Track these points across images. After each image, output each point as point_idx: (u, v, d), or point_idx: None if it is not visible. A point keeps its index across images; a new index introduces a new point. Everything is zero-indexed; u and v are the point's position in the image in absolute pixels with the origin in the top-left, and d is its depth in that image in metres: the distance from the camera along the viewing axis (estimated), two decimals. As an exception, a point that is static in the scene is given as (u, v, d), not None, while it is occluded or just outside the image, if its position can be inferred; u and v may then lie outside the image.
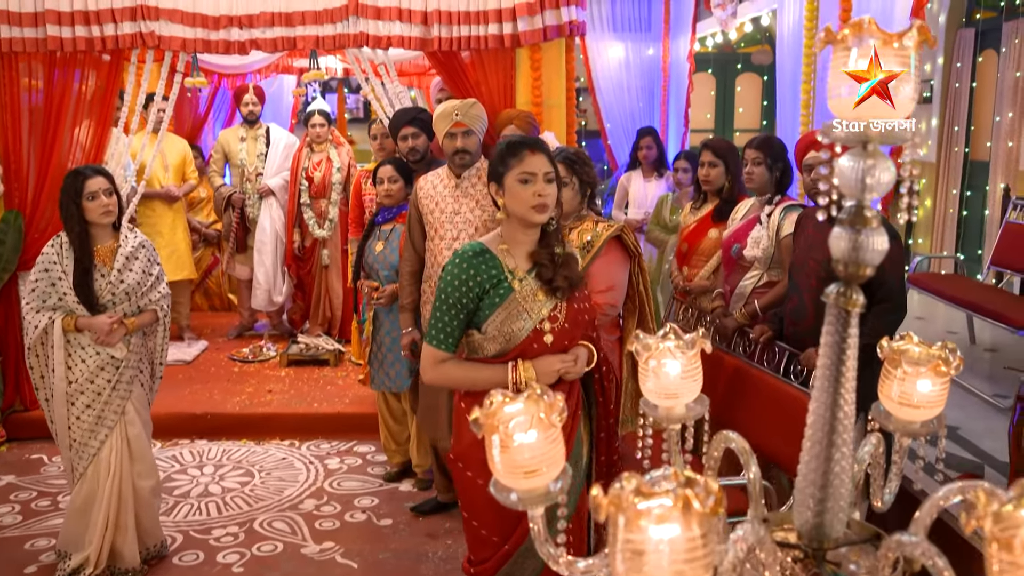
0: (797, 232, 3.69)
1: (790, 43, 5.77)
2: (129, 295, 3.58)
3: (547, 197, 2.54)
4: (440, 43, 5.00)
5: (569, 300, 2.63)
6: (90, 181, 3.48)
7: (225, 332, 7.24)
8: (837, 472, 1.46)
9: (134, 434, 3.67)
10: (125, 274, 3.57)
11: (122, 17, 4.88)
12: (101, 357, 3.57)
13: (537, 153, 2.57)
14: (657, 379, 1.77)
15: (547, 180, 2.55)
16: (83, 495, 3.62)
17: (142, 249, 3.66)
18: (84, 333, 3.55)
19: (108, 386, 3.59)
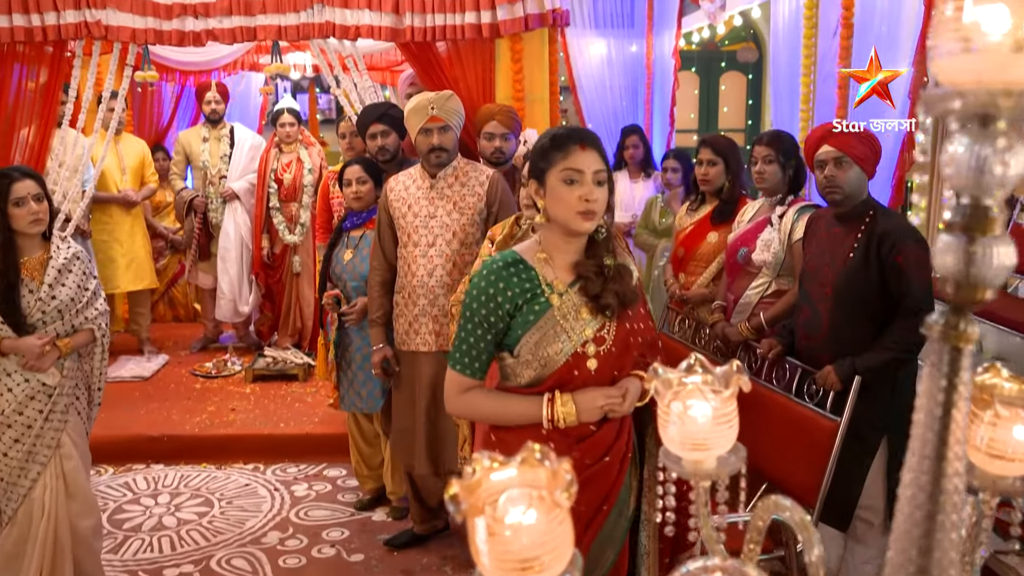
0: (808, 235, 3.34)
1: (786, 35, 5.43)
2: (62, 313, 3.15)
3: (595, 202, 2.11)
4: (413, 33, 4.62)
5: (620, 320, 2.21)
6: (17, 185, 3.03)
7: (188, 345, 6.81)
8: (945, 548, 1.09)
9: (70, 468, 3.22)
10: (57, 289, 3.14)
11: (65, 5, 4.46)
12: (31, 385, 3.13)
13: (588, 148, 2.13)
14: (682, 425, 1.41)
15: (597, 181, 2.12)
16: (13, 540, 3.16)
17: (76, 261, 3.22)
18: (10, 358, 3.10)
19: (40, 417, 3.14)
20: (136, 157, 6.38)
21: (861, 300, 3.05)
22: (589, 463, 2.20)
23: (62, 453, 3.21)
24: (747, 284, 3.72)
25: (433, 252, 3.53)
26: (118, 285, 6.24)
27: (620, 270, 2.21)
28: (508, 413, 2.23)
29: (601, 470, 2.22)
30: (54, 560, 3.20)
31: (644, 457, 2.39)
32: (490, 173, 3.66)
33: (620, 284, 2.20)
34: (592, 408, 2.15)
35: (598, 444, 2.22)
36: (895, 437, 3.09)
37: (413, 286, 3.56)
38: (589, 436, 2.21)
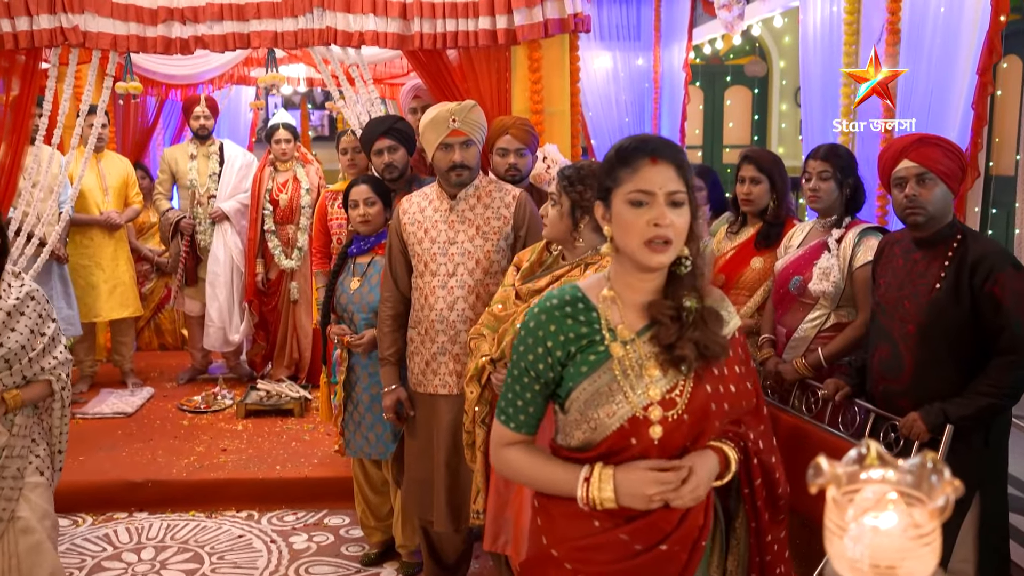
0: (881, 263, 2.95)
1: (817, 44, 5.08)
2: (9, 362, 2.71)
3: (669, 227, 1.70)
4: (422, 40, 4.24)
5: (699, 379, 1.79)
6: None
7: (175, 376, 6.38)
8: None
9: (27, 547, 2.74)
10: (4, 335, 2.70)
11: (38, 9, 4.07)
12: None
13: (661, 162, 1.73)
14: (861, 536, 1.06)
15: (672, 202, 1.72)
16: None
17: (30, 302, 2.79)
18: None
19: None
20: (119, 176, 5.97)
21: (950, 337, 2.67)
22: (640, 548, 1.78)
23: (16, 529, 2.73)
24: (802, 316, 3.34)
25: (453, 283, 3.13)
26: (100, 313, 5.82)
27: (706, 315, 1.78)
28: (544, 480, 1.85)
29: (656, 558, 1.78)
30: None
31: (730, 545, 1.98)
32: (517, 193, 3.27)
33: (703, 332, 1.76)
34: (637, 495, 1.73)
35: (653, 526, 1.78)
36: (988, 493, 2.70)
37: (431, 321, 3.15)
38: (641, 516, 1.78)
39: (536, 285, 2.77)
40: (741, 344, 1.89)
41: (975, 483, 2.69)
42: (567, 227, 2.69)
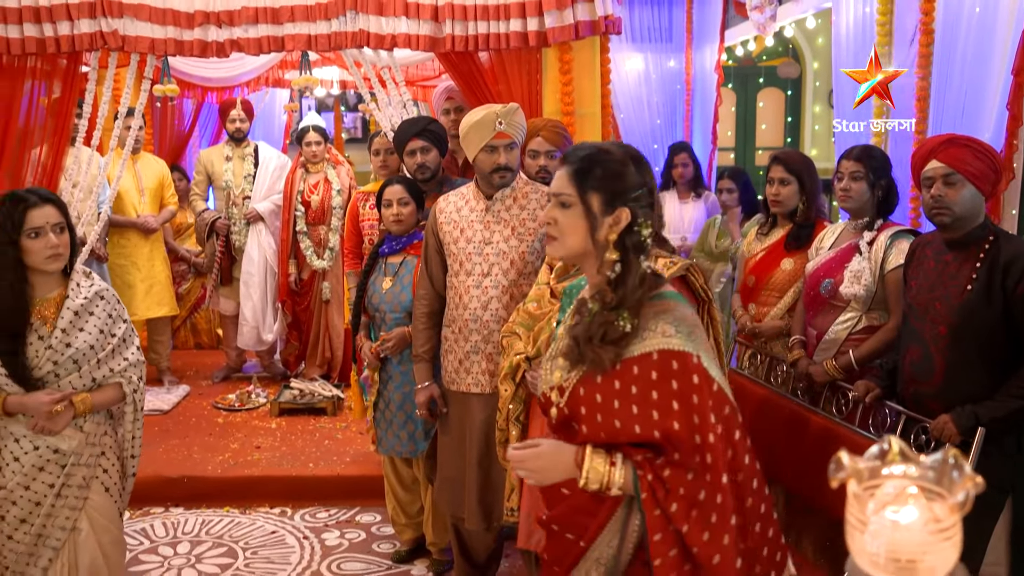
0: (912, 265, 2.94)
1: (850, 44, 5.05)
2: (79, 363, 2.66)
3: (552, 227, 1.91)
4: (454, 42, 4.26)
5: (583, 379, 1.85)
6: (35, 212, 2.54)
7: (210, 375, 6.47)
8: None
9: (88, 563, 2.68)
10: (73, 335, 2.65)
11: (79, 14, 4.14)
12: (40, 452, 2.63)
13: (561, 166, 1.91)
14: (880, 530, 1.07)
15: (560, 204, 1.89)
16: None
17: (100, 301, 2.73)
18: (19, 419, 2.62)
19: (50, 492, 2.64)
20: (155, 178, 6.07)
21: (981, 339, 2.65)
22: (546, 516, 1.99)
23: (78, 541, 2.69)
24: (832, 318, 3.32)
25: (488, 283, 3.16)
26: (136, 311, 5.91)
27: (601, 323, 1.81)
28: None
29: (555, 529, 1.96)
30: None
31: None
32: None
33: (589, 338, 1.82)
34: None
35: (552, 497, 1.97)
36: (1021, 497, 2.68)
37: (465, 320, 3.18)
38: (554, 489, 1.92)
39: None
40: (661, 371, 1.78)
41: (1007, 487, 2.68)
42: None
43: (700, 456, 1.75)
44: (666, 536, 1.76)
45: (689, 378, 1.77)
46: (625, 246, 1.83)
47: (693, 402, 1.77)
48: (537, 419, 2.90)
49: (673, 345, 1.79)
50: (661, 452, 1.80)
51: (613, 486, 1.81)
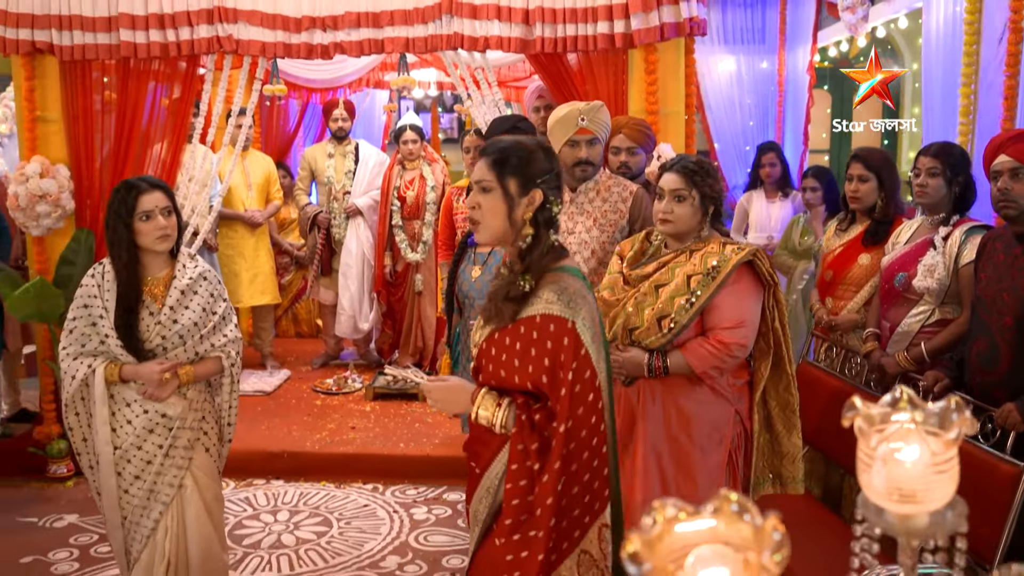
0: (983, 258, 3.01)
1: (939, 44, 5.06)
2: (184, 338, 2.91)
3: (475, 211, 2.18)
4: (543, 44, 4.46)
5: (489, 335, 2.19)
6: (145, 197, 2.81)
7: (310, 361, 6.82)
8: None
9: (192, 516, 2.96)
10: (179, 312, 2.90)
11: (198, 20, 4.49)
12: (149, 416, 2.89)
13: (480, 157, 2.20)
14: (886, 468, 1.20)
15: (481, 189, 2.17)
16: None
17: (203, 282, 2.98)
18: (131, 386, 2.88)
19: (160, 452, 2.90)
20: (262, 174, 6.44)
21: (1048, 330, 2.71)
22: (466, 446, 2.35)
23: (184, 496, 2.96)
24: (905, 311, 3.40)
25: (569, 270, 3.35)
26: (241, 299, 6.28)
27: (505, 285, 2.14)
28: None
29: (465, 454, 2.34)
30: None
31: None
32: (634, 188, 3.46)
33: (494, 298, 2.16)
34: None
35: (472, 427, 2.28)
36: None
37: (547, 306, 3.38)
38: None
39: (644, 271, 2.94)
40: (541, 331, 2.07)
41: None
42: (700, 218, 2.87)
43: (557, 407, 2.05)
44: (521, 468, 2.07)
45: (560, 340, 2.06)
46: (538, 222, 2.15)
47: (560, 360, 2.06)
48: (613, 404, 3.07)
49: (553, 311, 2.08)
50: (538, 401, 2.10)
51: (497, 423, 2.12)
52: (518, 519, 2.07)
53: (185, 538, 2.96)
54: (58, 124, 4.78)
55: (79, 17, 4.55)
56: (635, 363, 2.86)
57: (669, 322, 2.80)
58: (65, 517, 4.47)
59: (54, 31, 4.58)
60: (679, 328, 2.80)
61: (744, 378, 2.98)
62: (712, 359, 2.79)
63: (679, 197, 2.84)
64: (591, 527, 2.14)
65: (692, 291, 2.79)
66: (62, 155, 4.80)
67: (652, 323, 2.82)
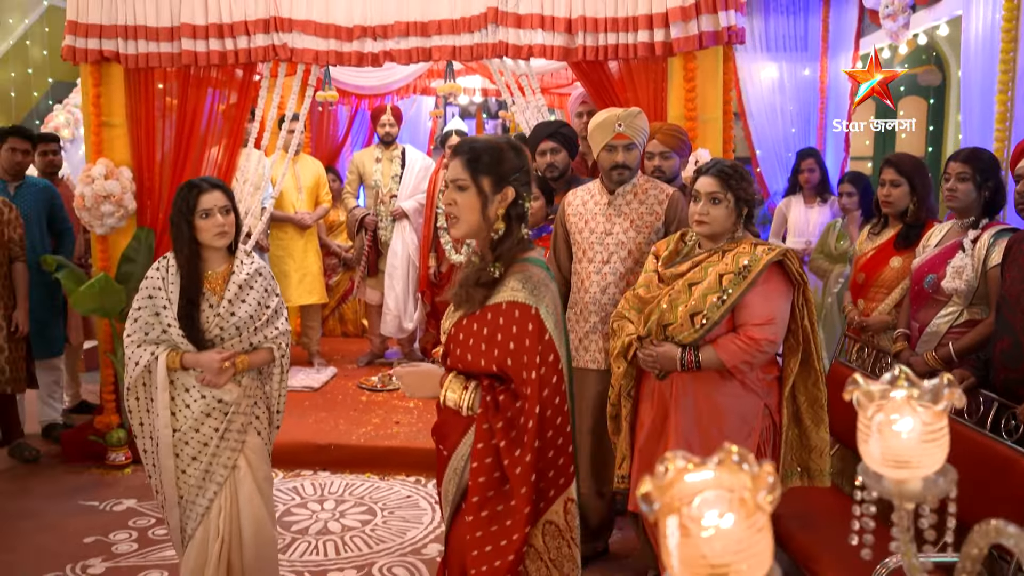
0: (1009, 259, 3.10)
1: (979, 51, 5.12)
2: (240, 330, 3.08)
3: (451, 206, 2.33)
4: (585, 52, 4.61)
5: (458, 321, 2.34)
6: (205, 196, 2.99)
7: (355, 359, 7.02)
8: None
9: (245, 496, 3.13)
10: (236, 305, 3.07)
11: (255, 29, 4.72)
12: (207, 401, 3.07)
13: (454, 158, 2.34)
14: (883, 440, 1.32)
15: (457, 188, 2.32)
16: (192, 561, 3.11)
17: (258, 277, 3.16)
18: (190, 373, 3.07)
19: (215, 435, 3.08)
20: (312, 177, 6.66)
21: (1070, 329, 2.80)
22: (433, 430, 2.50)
23: (237, 477, 3.13)
24: (935, 312, 3.49)
25: (607, 269, 3.49)
26: (290, 298, 6.48)
27: (476, 273, 2.29)
28: None
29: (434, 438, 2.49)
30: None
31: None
32: (670, 192, 3.59)
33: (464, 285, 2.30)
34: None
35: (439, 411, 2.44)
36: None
37: (585, 302, 3.53)
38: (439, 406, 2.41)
39: (678, 270, 3.08)
40: (507, 317, 2.22)
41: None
42: (734, 219, 3.00)
43: (523, 388, 2.19)
44: (487, 447, 2.21)
45: (525, 326, 2.21)
46: (510, 216, 2.30)
47: (525, 345, 2.20)
48: (647, 397, 3.21)
49: (519, 298, 2.23)
50: (502, 383, 2.24)
51: (463, 405, 2.27)
52: (485, 496, 2.20)
53: (238, 516, 3.12)
54: (122, 128, 5.04)
55: (143, 27, 4.80)
56: (668, 357, 2.99)
57: (701, 318, 2.93)
58: (124, 501, 4.70)
59: (120, 40, 4.84)
60: (711, 324, 2.93)
61: (774, 373, 3.10)
62: (742, 354, 2.91)
63: (715, 199, 2.96)
64: (556, 500, 2.30)
65: (724, 289, 2.92)
66: (125, 158, 5.06)
67: (685, 319, 2.95)
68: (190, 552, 3.11)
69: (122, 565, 3.98)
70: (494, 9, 4.58)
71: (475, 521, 2.21)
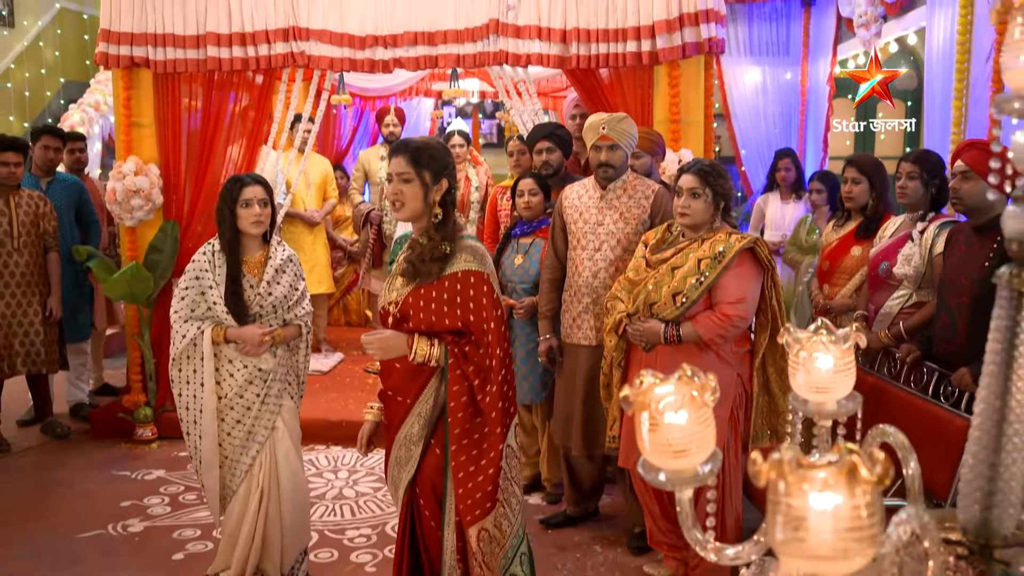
0: (949, 248, 3.55)
1: (939, 61, 5.56)
2: (276, 308, 3.48)
3: (397, 195, 2.74)
4: (579, 61, 5.05)
5: (412, 291, 2.75)
6: (247, 189, 3.40)
7: (360, 346, 7.42)
8: (1008, 464, 1.39)
9: (283, 452, 3.55)
10: (273, 286, 3.47)
11: (275, 38, 5.14)
12: (248, 370, 3.44)
13: (397, 156, 2.75)
14: (808, 373, 1.72)
15: (402, 180, 2.73)
16: (235, 517, 3.51)
17: (290, 263, 3.58)
18: (231, 345, 3.46)
19: (257, 400, 3.48)
20: (320, 174, 7.06)
21: (997, 307, 3.24)
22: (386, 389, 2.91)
23: (276, 437, 3.54)
24: (888, 296, 3.93)
25: (599, 256, 3.92)
26: (300, 288, 6.88)
27: (427, 251, 2.73)
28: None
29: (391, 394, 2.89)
30: (265, 535, 3.52)
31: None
32: (656, 188, 4.02)
33: (418, 261, 2.73)
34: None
35: (388, 373, 2.89)
36: None
37: (579, 285, 3.96)
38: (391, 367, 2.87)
39: (663, 256, 3.51)
40: (464, 283, 2.72)
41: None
42: (712, 212, 3.43)
43: (485, 338, 2.73)
44: (461, 388, 2.72)
45: (481, 288, 2.74)
46: (446, 203, 2.77)
47: (483, 303, 2.74)
48: (635, 366, 3.64)
49: (472, 267, 2.74)
50: (462, 337, 2.74)
51: (432, 358, 2.72)
52: (464, 428, 2.72)
53: (277, 471, 3.54)
54: (150, 129, 5.46)
55: (171, 35, 5.22)
56: (653, 332, 3.43)
57: (682, 297, 3.37)
58: (153, 471, 5.11)
59: (149, 47, 5.26)
60: (690, 303, 3.36)
61: (746, 347, 3.53)
62: (717, 328, 3.35)
63: (695, 194, 3.40)
64: (511, 426, 2.82)
65: (702, 272, 3.35)
66: (153, 155, 5.48)
67: (668, 299, 3.39)
68: (233, 505, 3.51)
69: (158, 525, 4.40)
70: (495, 21, 5.02)
71: (459, 449, 2.73)
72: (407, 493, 2.88)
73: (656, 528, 3.69)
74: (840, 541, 0.89)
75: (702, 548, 1.29)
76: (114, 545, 4.19)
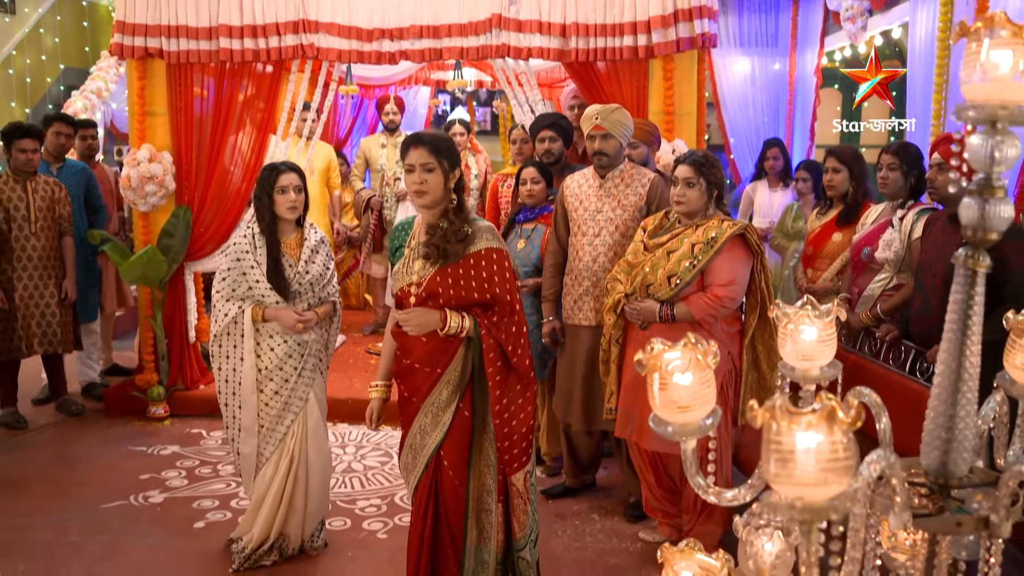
0: (926, 234, 3.80)
1: (922, 54, 5.80)
2: (312, 286, 3.74)
3: (423, 184, 2.93)
4: (577, 54, 5.27)
5: (438, 271, 2.97)
6: (283, 176, 3.64)
7: (361, 328, 7.67)
8: (962, 416, 1.63)
9: (313, 424, 3.81)
10: (310, 266, 3.73)
11: (285, 30, 5.34)
12: (288, 344, 3.71)
13: (418, 147, 2.94)
14: (795, 343, 1.94)
15: (426, 170, 2.92)
16: (266, 479, 3.77)
17: (322, 245, 3.83)
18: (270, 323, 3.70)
19: (295, 373, 3.73)
20: (323, 161, 7.25)
21: (969, 289, 3.50)
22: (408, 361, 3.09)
23: (307, 408, 3.81)
24: (870, 279, 4.19)
25: (598, 242, 4.16)
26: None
27: (450, 233, 2.96)
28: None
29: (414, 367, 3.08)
30: (292, 501, 3.80)
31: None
32: (652, 176, 4.25)
33: (444, 243, 2.95)
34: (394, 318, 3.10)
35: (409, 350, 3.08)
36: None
37: (579, 269, 4.20)
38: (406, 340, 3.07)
39: (659, 240, 3.75)
40: (487, 259, 2.98)
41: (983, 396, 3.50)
42: (706, 200, 3.67)
43: (511, 307, 3.03)
44: (496, 354, 3.01)
45: (503, 263, 3.03)
46: (459, 189, 3.01)
47: (506, 276, 3.03)
48: (632, 343, 3.87)
49: (493, 244, 3.02)
50: (487, 309, 3.01)
51: (464, 329, 2.97)
52: (502, 386, 3.02)
53: (306, 440, 3.81)
54: (163, 117, 5.66)
55: (185, 27, 5.41)
56: (649, 311, 3.67)
57: (676, 279, 3.61)
58: (168, 447, 5.33)
59: (163, 39, 5.45)
60: (683, 284, 3.60)
61: (736, 326, 3.78)
62: (708, 308, 3.59)
63: (690, 183, 3.64)
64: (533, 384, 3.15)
65: (695, 256, 3.59)
66: (166, 143, 5.67)
67: (663, 280, 3.63)
68: (266, 470, 3.78)
69: (177, 496, 4.63)
70: (498, 15, 5.23)
71: (499, 408, 3.02)
72: (432, 459, 3.10)
73: (651, 496, 3.95)
74: (821, 472, 1.11)
75: (703, 492, 1.52)
76: (137, 514, 4.41)
